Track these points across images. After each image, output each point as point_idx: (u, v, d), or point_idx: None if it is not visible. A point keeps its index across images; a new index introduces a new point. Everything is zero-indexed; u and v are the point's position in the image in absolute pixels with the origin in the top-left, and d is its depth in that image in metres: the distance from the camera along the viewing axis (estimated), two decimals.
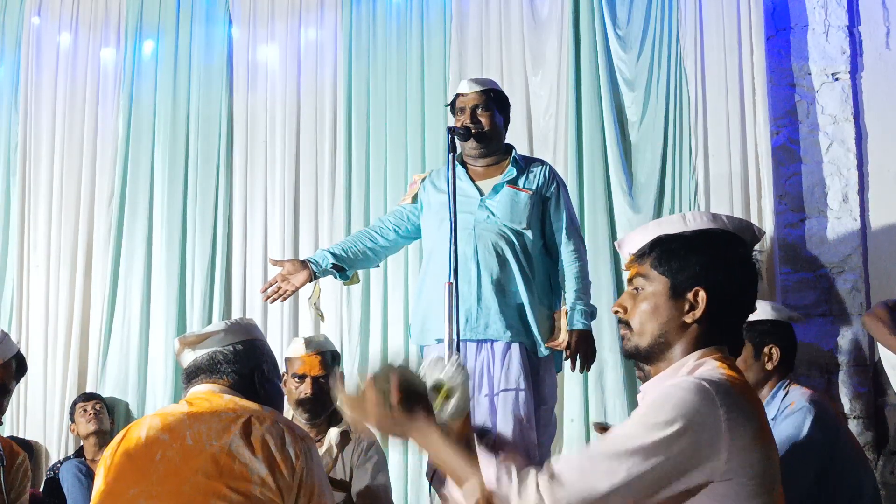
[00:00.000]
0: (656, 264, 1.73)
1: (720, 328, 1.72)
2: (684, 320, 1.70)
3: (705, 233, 1.74)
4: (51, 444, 4.74)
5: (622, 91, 4.31)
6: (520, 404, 3.06)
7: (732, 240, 1.75)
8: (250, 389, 2.21)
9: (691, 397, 1.54)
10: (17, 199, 5.01)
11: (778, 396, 2.61)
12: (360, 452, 3.14)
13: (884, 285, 3.93)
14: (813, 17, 4.15)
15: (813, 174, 4.11)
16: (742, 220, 1.84)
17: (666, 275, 1.72)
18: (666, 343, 1.71)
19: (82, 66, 5.05)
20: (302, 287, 3.35)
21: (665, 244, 1.74)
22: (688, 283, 1.70)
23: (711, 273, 1.70)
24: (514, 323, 3.15)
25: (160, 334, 4.72)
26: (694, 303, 1.69)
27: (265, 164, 4.75)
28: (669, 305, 1.71)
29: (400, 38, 4.64)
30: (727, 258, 1.72)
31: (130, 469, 2.08)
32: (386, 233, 3.44)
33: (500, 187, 3.25)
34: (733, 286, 1.71)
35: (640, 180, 4.22)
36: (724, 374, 1.62)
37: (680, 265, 1.71)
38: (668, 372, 1.70)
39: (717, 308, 1.69)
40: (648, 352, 1.73)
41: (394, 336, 4.42)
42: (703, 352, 1.69)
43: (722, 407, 1.53)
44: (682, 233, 1.75)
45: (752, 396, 1.66)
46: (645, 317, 1.73)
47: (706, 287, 1.69)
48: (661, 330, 1.71)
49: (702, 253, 1.71)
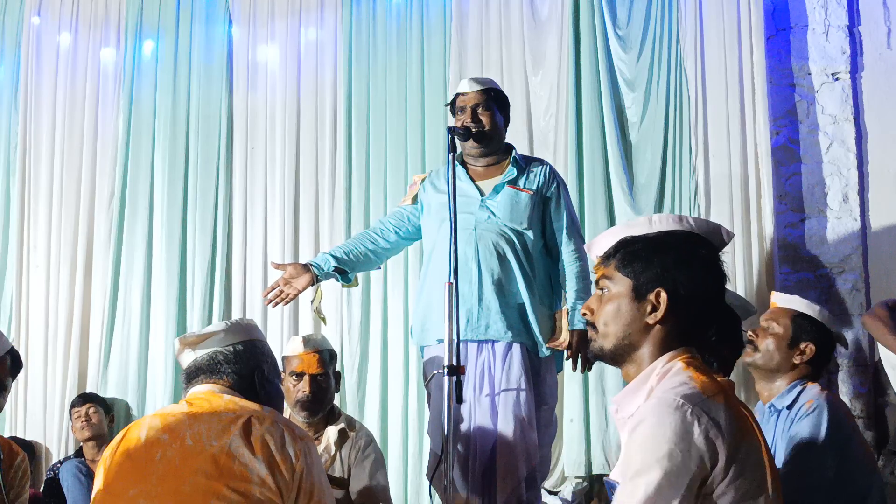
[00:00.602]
0: (620, 266, 1.75)
1: (685, 329, 1.72)
2: (647, 321, 1.71)
3: (668, 234, 1.76)
4: (51, 444, 4.74)
5: (622, 91, 4.31)
6: (521, 405, 3.06)
7: (696, 241, 1.76)
8: (250, 390, 2.21)
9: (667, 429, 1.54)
10: (17, 199, 5.01)
11: (795, 390, 2.63)
12: (357, 450, 3.14)
13: (884, 285, 3.93)
14: (813, 17, 4.15)
15: (813, 174, 4.11)
16: (710, 222, 1.84)
17: (629, 276, 1.73)
18: (630, 345, 1.73)
19: (82, 66, 5.05)
20: (304, 290, 3.34)
21: (629, 246, 1.75)
22: (650, 284, 1.71)
23: (672, 274, 1.70)
24: (514, 323, 3.15)
25: (160, 334, 4.73)
26: (656, 304, 1.70)
27: (265, 163, 4.75)
28: (632, 307, 1.72)
29: (400, 38, 4.64)
30: (689, 259, 1.72)
31: (130, 469, 2.08)
32: (387, 234, 3.44)
33: (500, 187, 3.24)
34: (695, 287, 1.71)
35: (641, 180, 4.23)
36: (690, 377, 1.63)
37: (642, 266, 1.72)
38: (638, 381, 1.71)
39: (680, 309, 1.70)
40: (613, 353, 1.75)
41: (394, 336, 4.43)
42: (669, 355, 1.70)
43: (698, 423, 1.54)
44: (645, 234, 1.76)
45: (724, 394, 1.65)
46: (609, 318, 1.75)
47: (667, 288, 1.70)
48: (624, 331, 1.73)
49: (664, 254, 1.72)
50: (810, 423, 2.50)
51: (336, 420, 3.22)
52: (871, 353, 3.90)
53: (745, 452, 1.58)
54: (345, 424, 3.20)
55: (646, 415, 1.59)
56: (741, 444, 1.57)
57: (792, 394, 2.62)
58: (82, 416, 4.45)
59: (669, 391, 1.60)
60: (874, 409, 3.91)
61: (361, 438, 3.18)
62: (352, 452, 3.14)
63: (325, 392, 3.20)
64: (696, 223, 1.79)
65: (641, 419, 1.59)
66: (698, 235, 1.77)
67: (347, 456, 3.15)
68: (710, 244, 1.78)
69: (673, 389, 1.60)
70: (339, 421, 3.22)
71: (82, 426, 4.44)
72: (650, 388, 1.68)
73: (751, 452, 1.60)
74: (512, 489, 3.01)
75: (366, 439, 3.19)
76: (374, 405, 4.40)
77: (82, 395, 4.59)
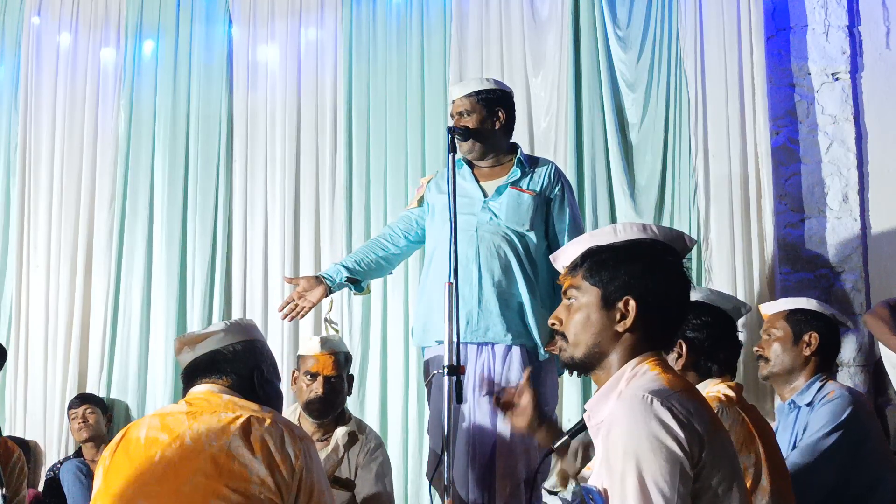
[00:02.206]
0: (587, 275, 1.77)
1: (653, 335, 1.75)
2: (616, 329, 1.74)
3: (634, 243, 1.78)
4: (50, 444, 4.74)
5: (622, 91, 4.31)
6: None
7: (661, 249, 1.79)
8: (249, 390, 2.21)
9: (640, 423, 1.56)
10: (17, 199, 5.01)
11: (814, 387, 2.66)
12: (366, 452, 3.15)
13: (884, 285, 3.93)
14: (813, 17, 4.15)
15: (813, 174, 4.11)
16: (673, 229, 1.88)
17: (597, 285, 1.76)
18: (600, 353, 1.75)
19: (82, 66, 5.05)
20: (319, 303, 3.35)
21: (595, 255, 1.78)
22: (618, 292, 1.73)
23: (640, 282, 1.73)
24: (515, 325, 3.14)
25: (160, 334, 4.73)
26: (625, 312, 1.73)
27: (265, 163, 4.75)
28: (601, 315, 1.74)
29: (400, 38, 4.64)
30: (654, 267, 1.76)
31: (129, 469, 2.08)
32: (396, 240, 3.43)
33: (503, 189, 3.24)
34: (662, 294, 1.75)
35: (640, 181, 4.23)
36: (657, 375, 1.67)
37: (610, 275, 1.75)
38: (608, 386, 1.73)
39: (648, 315, 1.73)
40: (584, 362, 1.77)
41: (394, 336, 4.43)
42: (638, 359, 1.73)
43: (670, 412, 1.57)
44: (611, 244, 1.79)
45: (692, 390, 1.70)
46: (578, 328, 1.77)
47: (635, 296, 1.72)
48: (594, 340, 1.75)
49: (630, 263, 1.75)
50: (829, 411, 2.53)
51: (346, 423, 3.23)
52: (872, 352, 3.90)
53: (716, 444, 1.60)
54: (355, 427, 3.21)
55: (617, 416, 1.61)
56: (711, 435, 1.59)
57: (811, 390, 2.65)
58: (79, 417, 4.45)
59: (637, 389, 1.63)
60: (874, 409, 3.90)
61: (371, 441, 3.19)
62: (360, 455, 3.15)
63: (338, 394, 3.20)
64: (659, 231, 1.83)
65: (612, 423, 1.62)
66: (663, 243, 1.80)
67: (356, 458, 3.15)
68: (675, 251, 1.81)
69: (640, 387, 1.63)
70: (350, 423, 3.22)
71: (80, 427, 4.44)
72: (619, 392, 1.70)
73: (723, 444, 1.62)
74: (511, 490, 3.01)
75: (375, 443, 3.20)
76: (374, 405, 4.40)
77: (79, 396, 4.58)
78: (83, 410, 4.46)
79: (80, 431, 4.44)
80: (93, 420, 4.45)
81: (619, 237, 1.79)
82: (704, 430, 1.58)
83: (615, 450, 1.58)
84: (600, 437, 1.67)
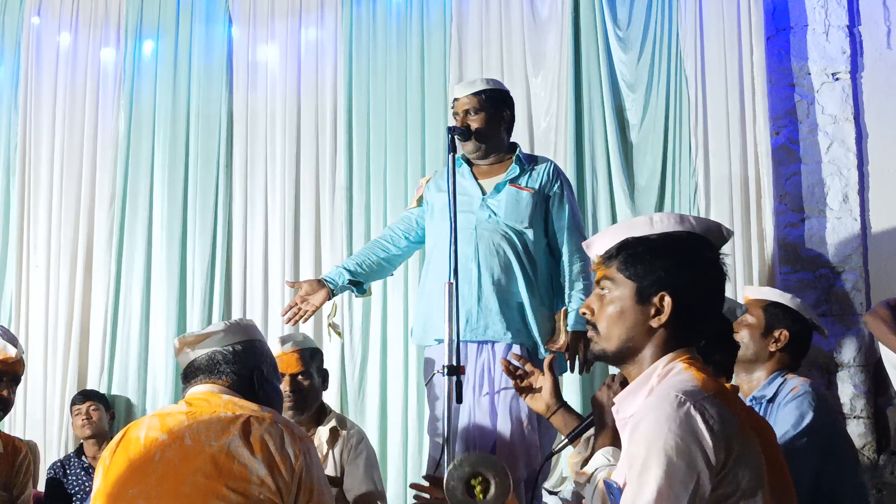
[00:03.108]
0: (622, 268, 1.74)
1: (687, 331, 1.72)
2: (650, 325, 1.71)
3: (671, 236, 1.74)
4: (51, 443, 4.74)
5: (622, 92, 4.31)
6: (520, 405, 3.05)
7: (698, 242, 1.75)
8: (249, 390, 2.21)
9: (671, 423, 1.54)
10: (17, 199, 5.01)
11: (776, 382, 2.64)
12: (349, 448, 3.13)
13: (884, 285, 3.93)
14: (813, 17, 4.15)
15: (813, 174, 4.11)
16: (710, 220, 1.83)
17: (632, 279, 1.72)
18: (633, 348, 1.73)
19: (82, 66, 5.05)
20: (322, 306, 3.34)
21: (631, 248, 1.74)
22: (653, 287, 1.70)
23: (676, 277, 1.70)
24: (514, 324, 3.14)
25: (161, 334, 4.73)
26: (660, 307, 1.70)
27: (265, 163, 4.75)
28: (636, 310, 1.71)
29: (400, 38, 4.64)
30: (692, 262, 1.72)
31: (129, 469, 2.08)
32: (397, 241, 3.43)
33: (501, 186, 3.23)
34: (699, 289, 1.71)
35: (640, 181, 4.23)
36: (691, 376, 1.64)
37: (645, 269, 1.71)
38: (639, 381, 1.71)
39: (684, 311, 1.70)
40: (616, 355, 1.75)
41: (394, 336, 4.43)
42: (671, 356, 1.70)
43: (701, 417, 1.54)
44: (647, 236, 1.75)
45: (724, 393, 1.66)
46: (611, 321, 1.74)
47: (671, 292, 1.69)
48: (627, 335, 1.72)
49: (667, 257, 1.71)
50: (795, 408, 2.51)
51: (326, 418, 3.20)
52: (872, 352, 3.90)
53: (744, 449, 1.57)
54: (336, 423, 3.17)
55: (646, 412, 1.59)
56: (740, 441, 1.57)
57: (773, 386, 2.63)
58: (83, 413, 4.43)
59: (670, 388, 1.60)
60: (874, 409, 3.91)
61: (353, 437, 3.17)
62: (344, 451, 3.13)
63: (308, 390, 3.15)
64: (696, 223, 1.78)
65: (642, 417, 1.59)
66: (699, 235, 1.76)
67: (340, 454, 3.13)
68: (711, 244, 1.77)
69: (673, 387, 1.60)
70: (330, 419, 3.19)
71: (83, 424, 4.42)
72: (650, 389, 1.68)
73: (750, 450, 1.59)
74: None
75: (357, 437, 3.17)
76: (374, 405, 4.40)
77: (83, 392, 4.57)
78: (87, 407, 4.44)
79: (82, 428, 4.42)
80: (96, 417, 4.44)
81: (656, 228, 1.75)
82: (733, 436, 1.55)
83: (640, 444, 1.56)
84: (627, 431, 1.64)
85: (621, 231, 1.79)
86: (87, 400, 4.49)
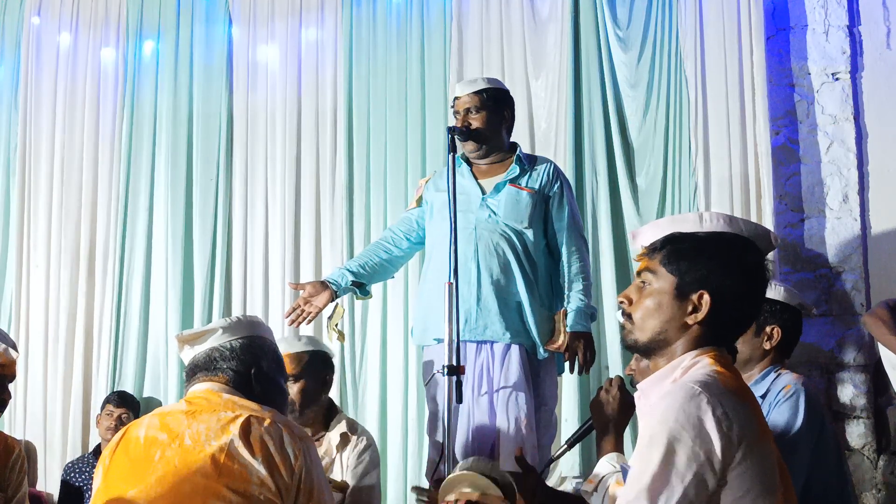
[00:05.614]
0: (665, 262, 1.74)
1: (721, 330, 1.72)
2: (686, 321, 1.71)
3: (719, 236, 1.75)
4: (51, 444, 4.73)
5: (622, 92, 4.31)
6: (519, 406, 3.05)
7: (745, 246, 1.75)
8: (248, 386, 2.19)
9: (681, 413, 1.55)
10: (17, 199, 5.01)
11: (769, 378, 2.61)
12: (356, 454, 3.13)
13: (884, 285, 3.93)
14: (813, 17, 4.15)
15: (813, 174, 4.11)
16: (759, 226, 1.84)
17: (673, 273, 1.72)
18: (665, 341, 1.73)
19: (82, 66, 5.05)
20: (325, 308, 3.33)
21: (677, 243, 1.75)
22: (694, 284, 1.70)
23: (718, 278, 1.70)
24: (513, 324, 3.14)
25: (161, 334, 4.73)
26: (697, 305, 1.70)
27: (265, 163, 4.75)
28: (673, 305, 1.72)
29: (400, 38, 4.64)
30: (736, 265, 1.72)
31: (129, 469, 2.07)
32: (398, 242, 3.43)
33: (501, 186, 3.23)
34: (739, 293, 1.71)
35: (641, 181, 4.23)
36: (714, 371, 1.64)
37: (688, 266, 1.71)
38: (665, 371, 1.71)
39: (721, 312, 1.70)
40: (647, 347, 1.75)
41: (393, 336, 4.42)
42: (699, 351, 1.70)
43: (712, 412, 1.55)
44: (695, 233, 1.75)
45: (745, 392, 1.66)
46: (647, 312, 1.74)
47: (711, 291, 1.69)
48: (661, 328, 1.72)
49: (711, 257, 1.71)
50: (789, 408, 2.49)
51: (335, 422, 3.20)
52: (872, 352, 3.90)
53: (760, 450, 1.58)
54: (346, 428, 3.17)
55: (664, 397, 1.61)
56: (755, 441, 1.57)
57: (765, 382, 2.61)
58: (114, 417, 4.37)
59: (689, 379, 1.62)
60: (874, 409, 3.91)
61: (361, 442, 3.17)
62: (350, 456, 3.13)
63: (305, 392, 3.13)
64: (745, 226, 1.79)
65: (660, 402, 1.61)
66: (747, 239, 1.76)
67: (346, 459, 3.13)
68: (757, 249, 1.77)
69: (693, 379, 1.61)
70: (341, 424, 3.19)
71: (108, 427, 4.34)
72: (674, 379, 1.69)
73: (765, 451, 1.60)
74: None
75: (365, 443, 3.17)
76: (373, 405, 4.39)
77: (121, 396, 4.49)
78: (120, 413, 4.37)
79: (108, 430, 4.33)
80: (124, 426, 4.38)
81: (704, 227, 1.75)
82: (744, 436, 1.56)
83: (651, 426, 1.58)
84: (646, 417, 1.66)
85: (669, 225, 1.80)
86: (122, 406, 4.41)
